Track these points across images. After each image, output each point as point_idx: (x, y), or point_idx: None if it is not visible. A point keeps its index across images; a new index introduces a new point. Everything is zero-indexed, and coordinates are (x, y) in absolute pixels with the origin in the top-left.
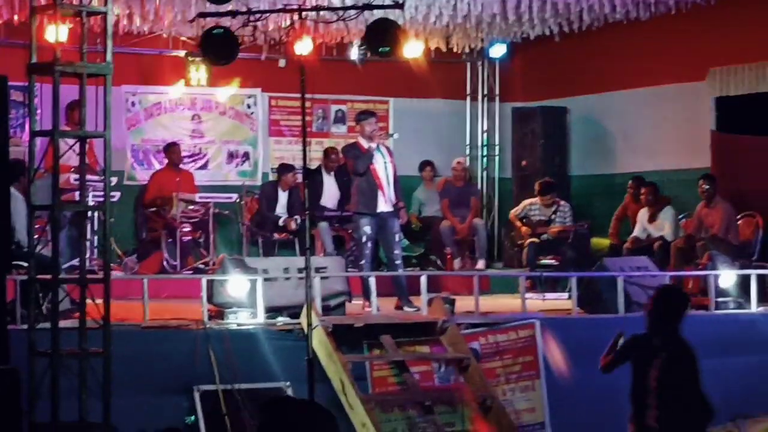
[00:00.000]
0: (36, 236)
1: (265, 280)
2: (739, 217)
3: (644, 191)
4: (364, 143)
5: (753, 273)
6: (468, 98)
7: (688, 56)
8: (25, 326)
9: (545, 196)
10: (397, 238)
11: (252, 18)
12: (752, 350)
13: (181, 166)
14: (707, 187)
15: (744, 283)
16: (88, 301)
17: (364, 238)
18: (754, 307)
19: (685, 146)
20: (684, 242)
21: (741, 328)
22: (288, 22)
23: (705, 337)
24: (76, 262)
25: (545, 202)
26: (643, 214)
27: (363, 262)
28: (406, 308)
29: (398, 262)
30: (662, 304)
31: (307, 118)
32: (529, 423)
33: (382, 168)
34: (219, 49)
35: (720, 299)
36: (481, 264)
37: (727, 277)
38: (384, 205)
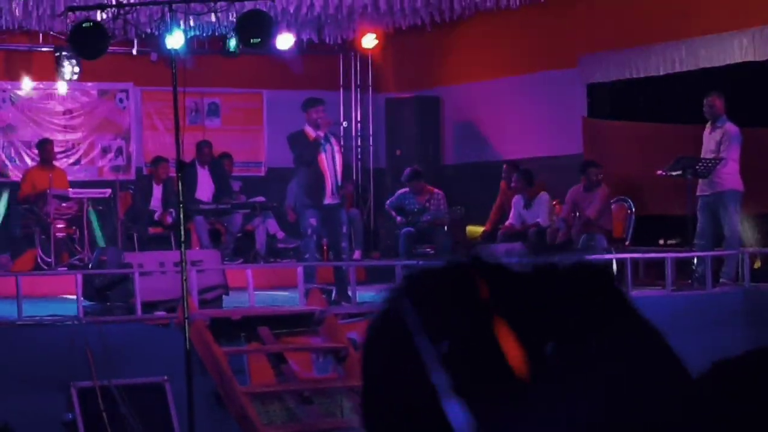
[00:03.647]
0: None
1: (141, 274)
2: (612, 202)
3: (515, 178)
4: (311, 132)
5: (627, 257)
6: (341, 89)
7: (559, 43)
8: None
9: (411, 183)
10: (344, 230)
11: (122, 11)
12: None
13: (54, 162)
14: (595, 173)
15: (619, 267)
16: None
17: (309, 231)
18: (629, 291)
19: (557, 133)
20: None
21: None
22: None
23: None
24: None
25: (416, 190)
26: (518, 200)
27: (307, 255)
28: (344, 303)
29: (345, 255)
30: None
31: (181, 111)
32: None
33: (330, 159)
34: (89, 43)
35: None
36: (357, 254)
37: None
38: (330, 198)
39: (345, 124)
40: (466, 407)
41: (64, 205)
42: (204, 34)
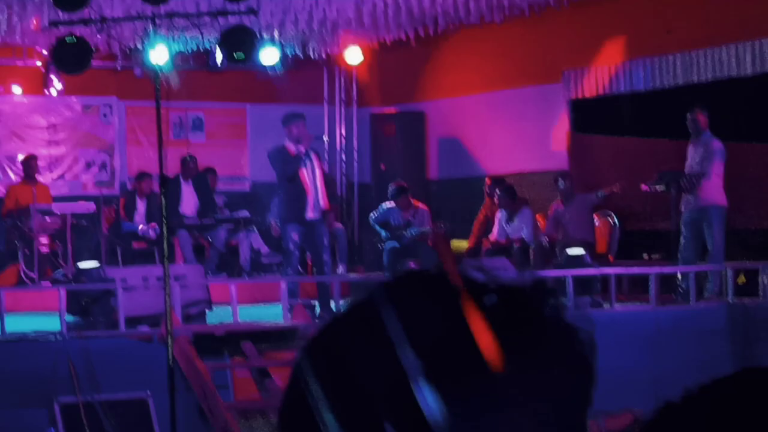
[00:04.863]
0: None
1: (124, 289)
2: (595, 217)
3: (497, 193)
4: (292, 147)
5: (611, 271)
6: (326, 103)
7: (543, 58)
8: None
9: (397, 199)
10: (325, 242)
11: (105, 26)
12: (611, 348)
13: (38, 177)
14: (569, 184)
15: (603, 282)
16: None
17: (291, 246)
18: (613, 305)
19: (541, 148)
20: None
21: (600, 326)
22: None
23: None
24: None
25: (400, 205)
26: (501, 215)
27: (290, 270)
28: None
29: (327, 269)
30: None
31: (165, 126)
32: None
33: (311, 173)
34: (72, 57)
35: (579, 298)
36: (341, 269)
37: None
38: (312, 212)
39: (326, 138)
40: (439, 395)
41: (47, 219)
42: (188, 49)
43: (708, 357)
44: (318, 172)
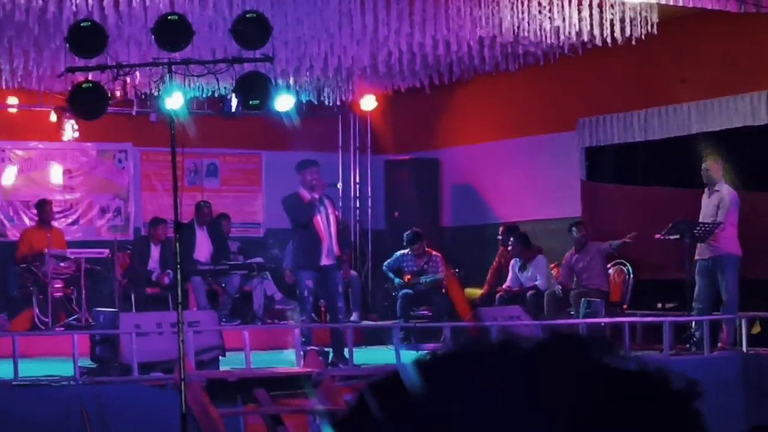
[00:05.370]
0: None
1: (138, 335)
2: (609, 266)
3: (511, 241)
4: (306, 194)
5: (625, 321)
6: (340, 150)
7: (557, 107)
8: None
9: (412, 245)
10: (340, 289)
11: (121, 72)
12: None
13: (52, 222)
14: (583, 233)
15: (617, 331)
16: None
17: (305, 293)
18: None
19: (555, 196)
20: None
21: None
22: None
23: None
24: None
25: (415, 252)
26: (514, 263)
27: (304, 317)
28: (341, 365)
29: (341, 316)
30: None
31: (180, 172)
32: None
33: (324, 220)
34: (88, 103)
35: None
36: (355, 316)
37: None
38: (326, 258)
39: (340, 185)
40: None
41: (61, 264)
42: (203, 95)
43: (721, 407)
44: (332, 218)
